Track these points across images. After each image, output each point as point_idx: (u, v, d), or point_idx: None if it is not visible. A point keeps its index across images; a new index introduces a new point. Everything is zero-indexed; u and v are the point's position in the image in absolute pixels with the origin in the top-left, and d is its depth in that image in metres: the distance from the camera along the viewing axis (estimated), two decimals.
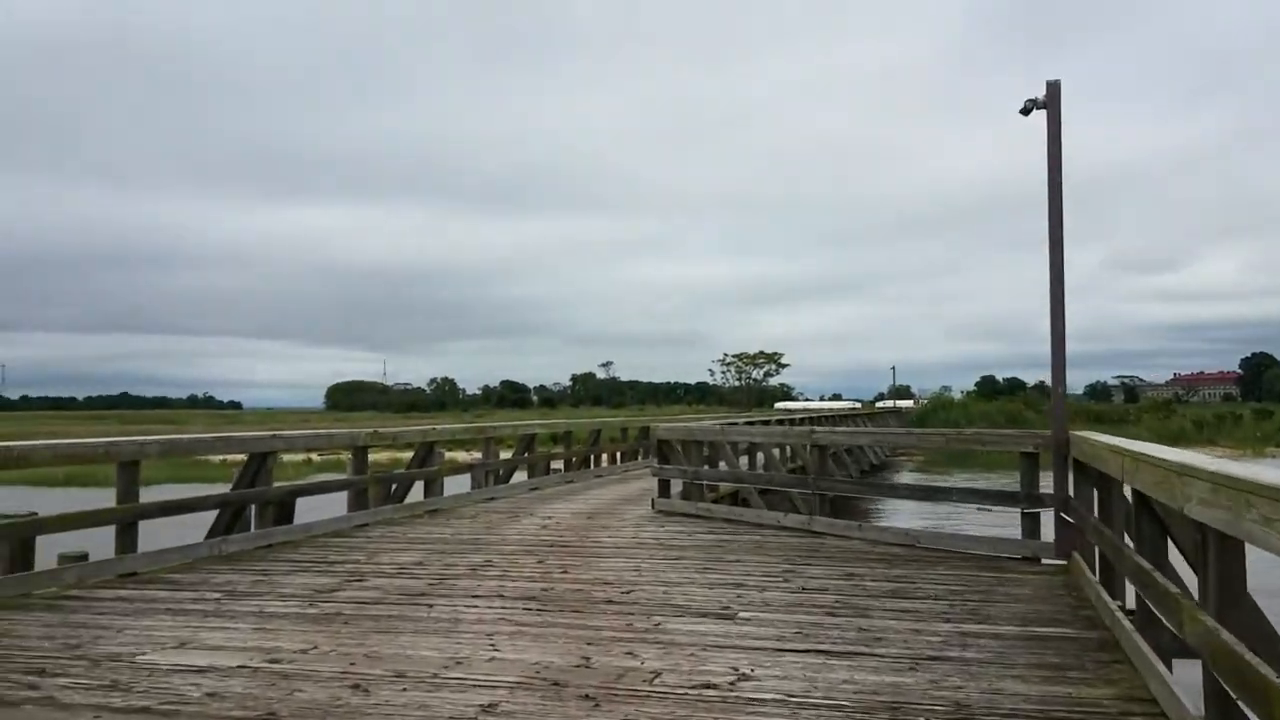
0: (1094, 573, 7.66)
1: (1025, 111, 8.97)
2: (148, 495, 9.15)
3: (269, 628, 6.33)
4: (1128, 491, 6.34)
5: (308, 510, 12.45)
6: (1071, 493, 8.71)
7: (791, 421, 27.23)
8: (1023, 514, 9.29)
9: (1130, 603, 6.79)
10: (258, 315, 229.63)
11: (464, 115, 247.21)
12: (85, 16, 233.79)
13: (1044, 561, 8.99)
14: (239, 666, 5.34)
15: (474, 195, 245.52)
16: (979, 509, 9.57)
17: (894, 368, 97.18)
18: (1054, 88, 8.97)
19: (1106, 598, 6.64)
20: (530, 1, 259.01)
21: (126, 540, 8.40)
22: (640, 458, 23.97)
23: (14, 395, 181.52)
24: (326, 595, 7.44)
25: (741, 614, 6.66)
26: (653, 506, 13.31)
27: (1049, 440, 9.07)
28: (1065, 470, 8.79)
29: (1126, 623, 5.86)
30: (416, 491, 14.86)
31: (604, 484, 18.36)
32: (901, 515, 24.25)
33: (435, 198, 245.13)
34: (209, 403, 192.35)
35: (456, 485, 16.91)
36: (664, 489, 13.41)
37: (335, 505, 12.55)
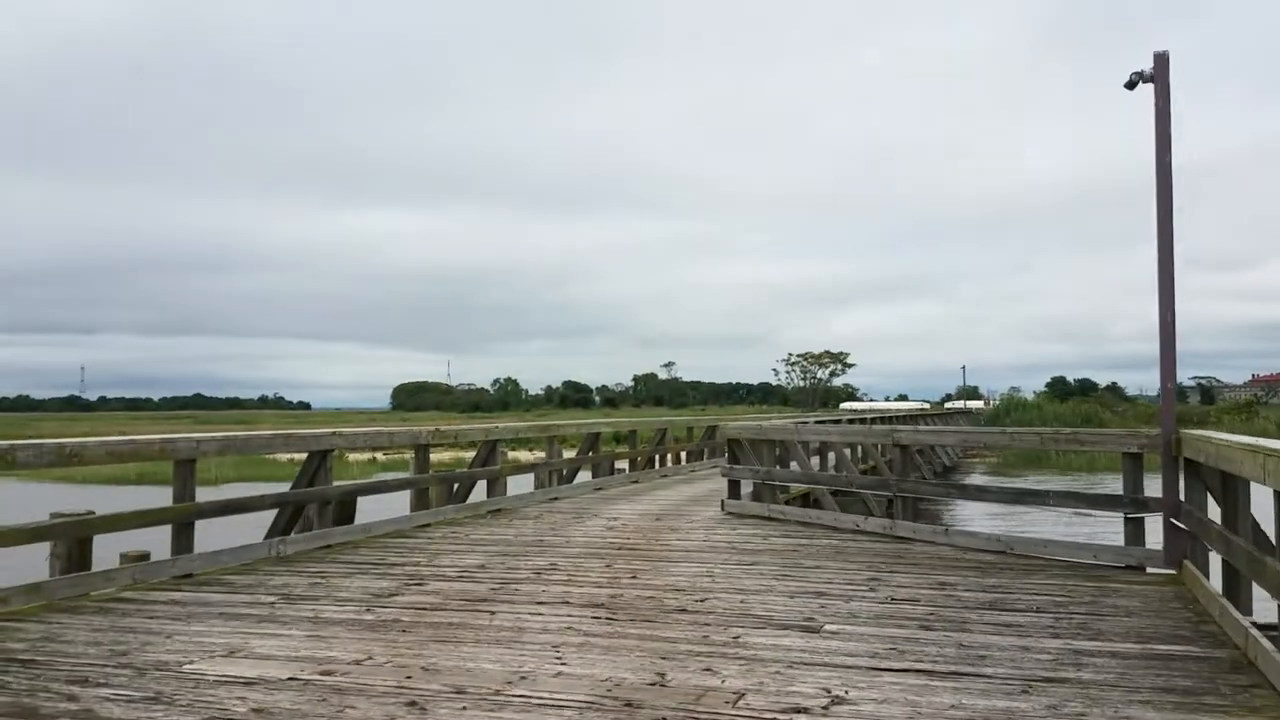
0: (1213, 583, 7.00)
1: (1130, 85, 8.29)
2: (216, 494, 8.94)
3: (323, 635, 5.97)
4: (1262, 494, 5.71)
5: (370, 510, 12.22)
6: (1182, 496, 8.03)
7: (863, 421, 26.47)
8: (1126, 519, 8.60)
9: (1262, 617, 6.17)
10: (326, 318, 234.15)
11: (526, 117, 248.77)
12: (155, 28, 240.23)
13: (1149, 570, 8.32)
14: (289, 679, 4.97)
15: (537, 197, 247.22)
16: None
17: (964, 367, 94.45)
18: (1162, 59, 8.28)
19: (1235, 612, 5.98)
20: (586, 4, 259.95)
21: (183, 540, 8.15)
22: (706, 457, 23.47)
23: (93, 396, 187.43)
24: (384, 600, 7.08)
25: (828, 626, 6.13)
26: (722, 508, 12.81)
27: (1156, 440, 8.37)
28: (1176, 472, 8.10)
29: (1265, 641, 5.22)
30: (480, 491, 14.56)
31: (670, 484, 17.89)
32: (973, 519, 23.18)
33: (499, 200, 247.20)
34: (279, 403, 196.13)
35: (519, 485, 16.61)
36: (734, 490, 12.89)
37: (397, 504, 12.28)
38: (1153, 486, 8.51)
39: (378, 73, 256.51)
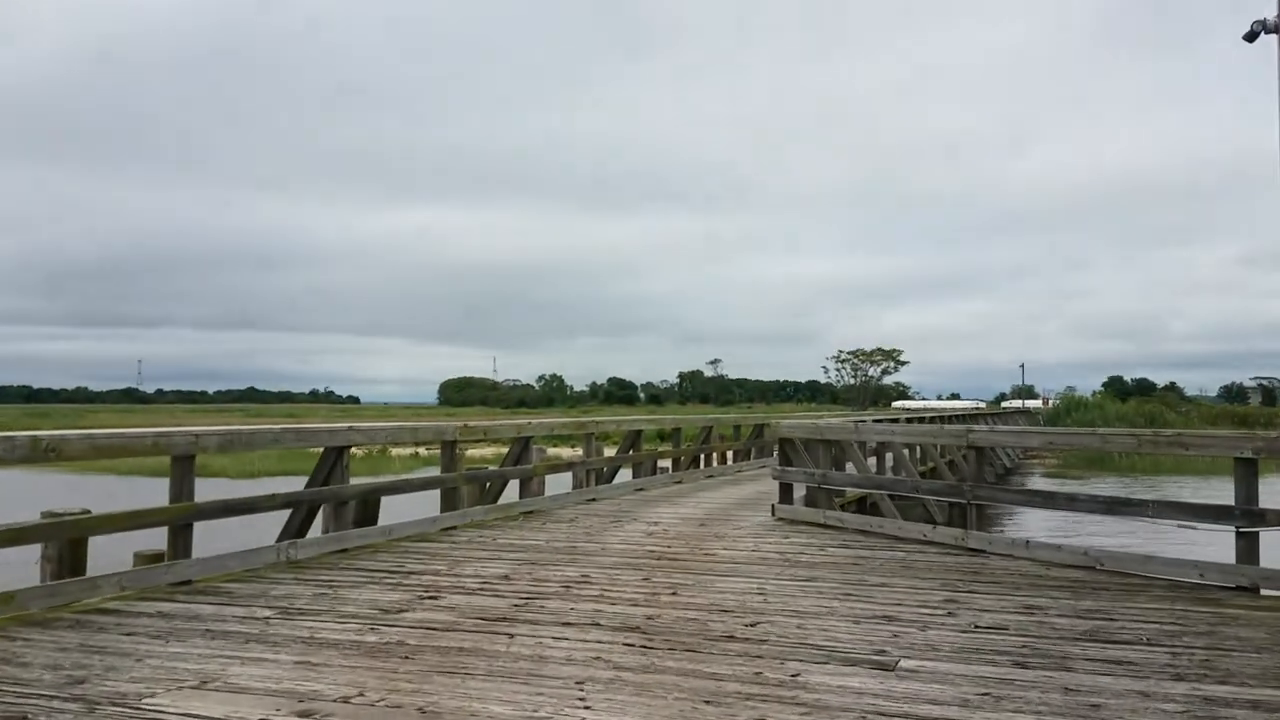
0: None
1: (1251, 37, 7.19)
2: (256, 488, 8.23)
3: (314, 661, 5.16)
4: None
5: (400, 510, 11.50)
6: None
7: (922, 420, 25.30)
8: (1237, 533, 7.54)
9: None
10: (377, 313, 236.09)
11: (573, 114, 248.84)
12: (213, 27, 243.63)
13: (1263, 593, 7.26)
14: None
15: (584, 194, 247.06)
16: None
17: (1023, 365, 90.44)
18: None
19: None
20: (636, 0, 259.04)
21: (180, 544, 7.42)
22: (754, 457, 22.50)
23: (150, 389, 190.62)
24: (392, 617, 6.25)
25: (904, 662, 5.18)
26: (773, 513, 11.85)
27: (1277, 443, 7.30)
28: None
29: None
30: (513, 492, 13.79)
31: (716, 485, 16.96)
32: (1028, 526, 21.68)
33: (546, 197, 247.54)
34: (329, 397, 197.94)
35: (558, 485, 15.82)
36: (786, 494, 11.92)
37: (429, 505, 11.47)
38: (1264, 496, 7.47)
39: (428, 70, 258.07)
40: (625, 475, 16.68)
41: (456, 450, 10.83)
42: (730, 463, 21.17)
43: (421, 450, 44.92)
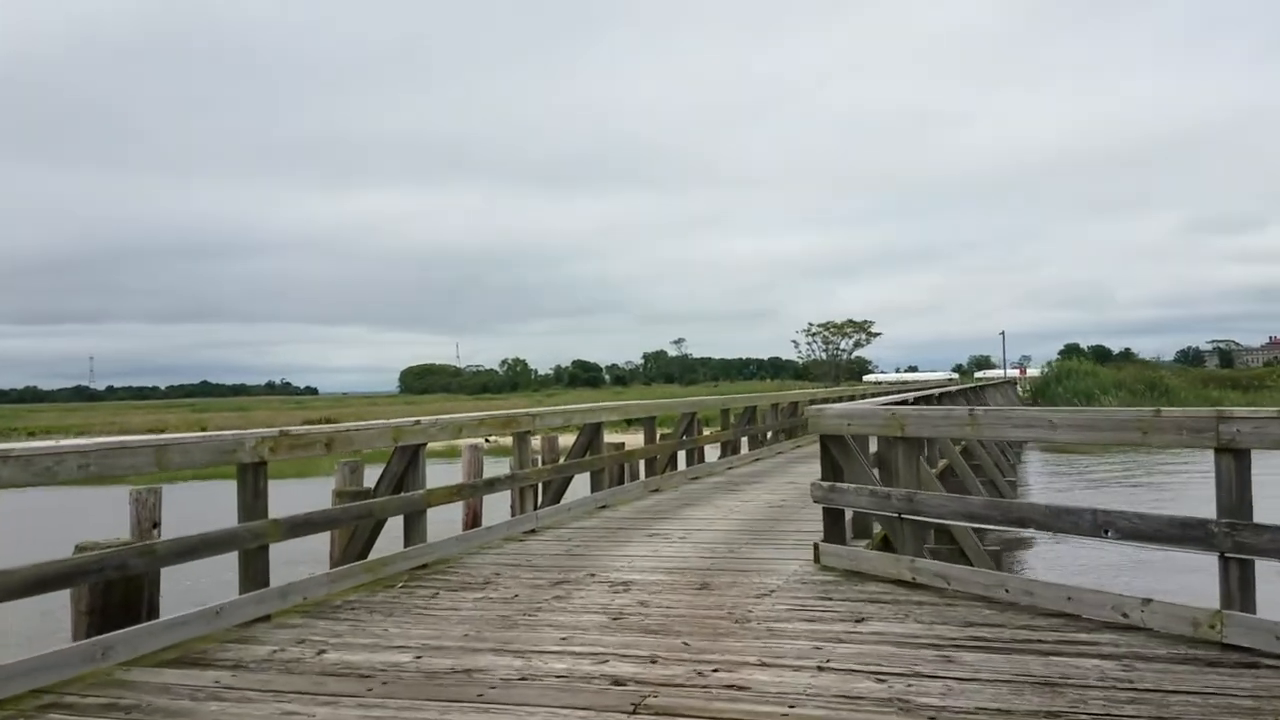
0: None
1: None
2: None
3: None
4: None
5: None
6: None
7: (928, 396, 20.81)
8: None
9: None
10: (335, 301, 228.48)
11: (530, 95, 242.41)
12: (156, 14, 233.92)
13: None
14: None
15: (544, 175, 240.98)
16: None
17: (1003, 333, 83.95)
18: None
19: None
20: None
21: None
22: (747, 448, 18.01)
23: (101, 386, 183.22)
24: None
25: None
26: (815, 557, 7.33)
27: None
28: None
29: None
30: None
31: (706, 496, 12.37)
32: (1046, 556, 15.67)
33: (505, 179, 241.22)
34: (285, 389, 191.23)
35: (495, 508, 11.43)
36: (834, 525, 7.33)
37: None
38: None
39: (379, 53, 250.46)
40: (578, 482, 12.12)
41: (263, 476, 6.14)
42: (721, 457, 16.65)
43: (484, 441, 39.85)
